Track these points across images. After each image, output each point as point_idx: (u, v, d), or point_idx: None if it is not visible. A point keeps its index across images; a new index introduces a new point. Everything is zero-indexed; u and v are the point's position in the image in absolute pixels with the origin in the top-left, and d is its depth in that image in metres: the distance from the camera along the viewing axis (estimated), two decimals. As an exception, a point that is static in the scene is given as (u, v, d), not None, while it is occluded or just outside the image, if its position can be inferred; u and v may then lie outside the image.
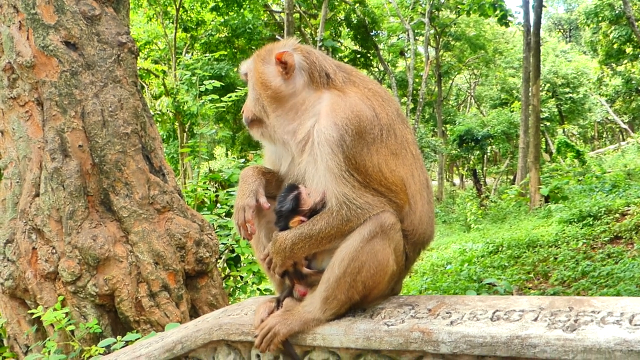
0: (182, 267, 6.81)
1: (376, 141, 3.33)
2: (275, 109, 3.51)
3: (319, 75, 3.52)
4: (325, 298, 3.34)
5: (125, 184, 6.60)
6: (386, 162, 3.34)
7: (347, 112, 3.27)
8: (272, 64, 3.54)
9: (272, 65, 3.55)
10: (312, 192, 3.44)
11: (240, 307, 4.03)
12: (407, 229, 3.46)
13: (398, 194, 3.36)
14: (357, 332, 3.21)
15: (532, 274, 12.35)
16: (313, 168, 3.34)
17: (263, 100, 3.55)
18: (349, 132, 3.23)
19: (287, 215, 3.50)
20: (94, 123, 6.56)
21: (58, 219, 6.48)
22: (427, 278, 14.49)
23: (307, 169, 3.39)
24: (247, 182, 3.64)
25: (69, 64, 6.59)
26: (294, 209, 3.47)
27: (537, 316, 2.84)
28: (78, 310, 6.47)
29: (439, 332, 2.95)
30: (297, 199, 3.47)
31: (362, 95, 3.43)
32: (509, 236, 16.91)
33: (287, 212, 3.50)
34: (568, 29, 71.83)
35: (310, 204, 3.43)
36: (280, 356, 3.56)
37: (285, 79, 3.50)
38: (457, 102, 64.96)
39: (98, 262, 6.39)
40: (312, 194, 3.44)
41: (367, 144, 3.28)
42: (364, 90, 3.50)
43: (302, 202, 3.46)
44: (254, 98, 3.60)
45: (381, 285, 3.36)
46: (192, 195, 9.82)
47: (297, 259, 3.47)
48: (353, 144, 3.24)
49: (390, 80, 40.20)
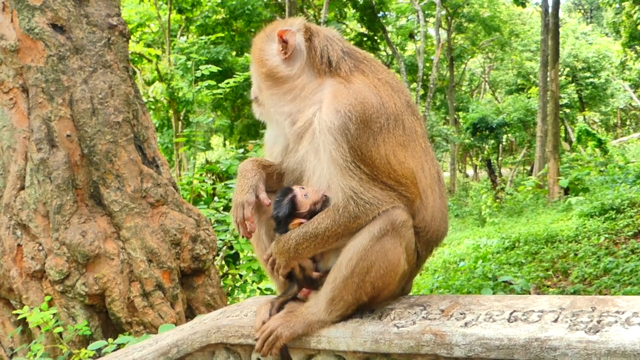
0: (177, 265, 6.82)
1: (383, 131, 3.31)
2: (270, 87, 3.56)
3: (319, 60, 3.50)
4: (332, 299, 3.33)
5: (116, 176, 6.60)
6: (394, 153, 3.32)
7: (351, 99, 3.26)
8: (275, 41, 3.55)
9: (274, 42, 3.56)
10: (309, 192, 3.44)
11: (239, 307, 4.03)
12: (418, 226, 3.45)
13: (408, 187, 3.34)
14: (365, 334, 3.20)
15: (551, 271, 12.33)
16: (315, 158, 3.33)
17: (258, 77, 3.62)
18: (353, 120, 3.21)
19: (285, 220, 3.50)
20: (83, 111, 6.55)
21: (45, 213, 6.49)
22: (439, 276, 14.51)
23: (307, 158, 3.39)
24: (246, 176, 3.62)
25: (55, 48, 6.58)
26: (291, 213, 3.47)
27: (557, 317, 2.83)
28: (66, 310, 6.48)
29: (452, 334, 2.94)
30: (293, 202, 3.47)
31: (369, 84, 3.41)
32: (526, 231, 16.89)
33: (284, 217, 3.49)
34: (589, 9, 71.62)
35: (308, 205, 3.43)
36: None
37: (284, 59, 3.51)
38: (470, 87, 64.85)
39: (87, 260, 6.39)
40: (309, 194, 3.43)
41: (373, 133, 3.27)
42: (372, 79, 3.48)
43: (299, 204, 3.46)
44: (253, 75, 3.69)
45: (391, 286, 3.36)
46: (188, 188, 9.83)
47: (302, 259, 3.46)
48: (358, 132, 3.22)
49: (399, 64, 40.15)
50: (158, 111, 33.88)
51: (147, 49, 35.87)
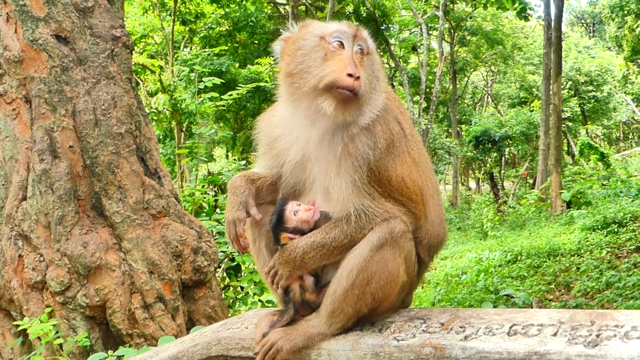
0: (179, 277, 6.82)
1: (402, 153, 3.39)
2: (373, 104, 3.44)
3: None
4: (332, 312, 3.34)
5: (118, 187, 6.61)
6: (409, 172, 3.40)
7: (384, 127, 3.32)
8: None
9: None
10: (300, 210, 3.46)
11: (240, 320, 4.03)
12: (420, 235, 3.50)
13: (418, 204, 3.41)
14: (365, 347, 3.21)
15: (553, 284, 12.31)
16: (337, 179, 3.33)
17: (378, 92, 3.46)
18: (381, 149, 3.28)
19: (274, 230, 3.53)
20: (86, 122, 6.57)
21: (46, 224, 6.49)
22: (441, 289, 14.51)
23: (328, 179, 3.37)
24: (236, 193, 3.63)
25: (59, 59, 6.61)
26: (276, 225, 3.50)
27: (556, 331, 2.84)
28: (67, 322, 6.48)
29: (452, 347, 2.95)
30: (279, 216, 3.50)
31: (392, 104, 3.46)
32: (528, 244, 16.88)
33: (272, 228, 3.53)
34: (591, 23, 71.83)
35: (294, 222, 3.45)
36: None
37: None
38: (473, 100, 64.97)
39: (89, 271, 6.39)
40: (299, 212, 3.45)
41: (393, 157, 3.34)
42: (387, 95, 3.51)
43: (285, 219, 3.48)
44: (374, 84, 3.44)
45: (391, 297, 3.37)
46: (190, 200, 9.84)
47: (307, 270, 3.46)
48: (381, 157, 3.29)
49: (402, 77, 40.23)
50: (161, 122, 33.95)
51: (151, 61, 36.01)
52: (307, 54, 3.36)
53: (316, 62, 3.31)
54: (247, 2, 33.26)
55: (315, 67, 3.30)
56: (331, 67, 3.25)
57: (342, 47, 3.32)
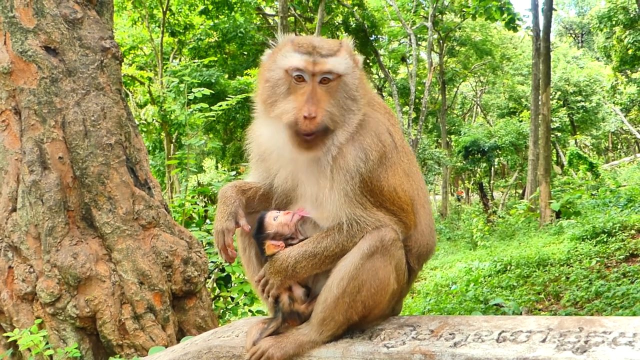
0: (169, 287, 6.82)
1: (394, 164, 3.41)
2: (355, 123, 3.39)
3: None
4: (322, 319, 3.36)
5: (108, 198, 6.61)
6: (401, 183, 3.43)
7: (375, 140, 3.33)
8: (359, 68, 3.47)
9: (359, 70, 3.47)
10: (279, 216, 3.49)
11: (231, 328, 4.05)
12: (410, 244, 3.52)
13: (408, 214, 3.44)
14: (355, 354, 3.23)
15: (543, 294, 12.35)
16: (328, 191, 3.33)
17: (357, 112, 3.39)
18: (373, 160, 3.29)
19: (256, 239, 3.56)
20: (75, 133, 6.58)
21: (36, 235, 6.49)
22: (431, 299, 14.52)
23: (319, 191, 3.38)
24: (226, 203, 3.64)
25: (48, 71, 6.61)
26: (257, 233, 3.53)
27: (545, 337, 2.86)
28: (57, 333, 6.47)
29: (441, 354, 2.97)
30: (260, 224, 3.53)
31: (381, 116, 3.48)
32: (517, 254, 16.91)
33: (253, 235, 3.56)
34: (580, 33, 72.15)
35: (274, 227, 3.48)
36: None
37: None
38: (462, 111, 65.08)
39: (79, 282, 6.39)
40: (279, 217, 3.48)
41: (385, 168, 3.36)
42: (377, 107, 3.55)
43: (265, 226, 3.51)
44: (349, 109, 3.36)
45: (382, 304, 3.39)
46: (180, 211, 9.83)
47: (298, 279, 3.48)
48: (373, 168, 3.31)
49: (391, 88, 40.32)
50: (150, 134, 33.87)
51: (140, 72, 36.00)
52: (273, 87, 3.37)
53: (280, 96, 3.33)
54: (236, 14, 33.27)
55: (280, 100, 3.32)
56: (292, 104, 3.26)
57: (303, 81, 3.30)
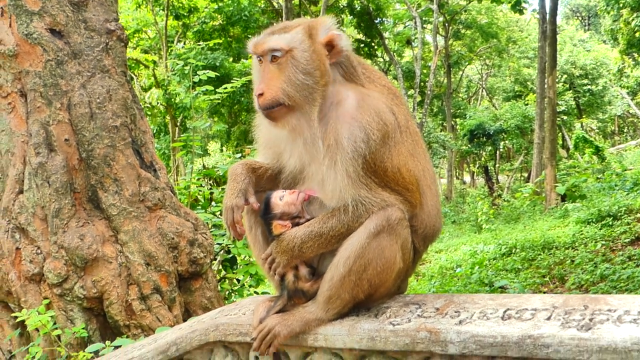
0: (175, 269, 6.86)
1: (397, 144, 3.40)
2: (323, 100, 3.41)
3: (349, 66, 3.53)
4: (329, 297, 3.39)
5: (114, 180, 6.64)
6: (405, 163, 3.42)
7: (376, 118, 3.31)
8: (319, 44, 3.42)
9: (319, 45, 3.42)
10: (285, 195, 3.51)
11: (237, 306, 4.08)
12: (416, 224, 3.53)
13: (413, 193, 3.45)
14: (361, 332, 3.25)
15: (548, 277, 12.37)
16: (332, 172, 3.34)
17: (317, 88, 3.39)
18: (375, 140, 3.28)
19: (264, 219, 3.59)
20: (81, 115, 6.60)
21: (43, 217, 6.52)
22: (436, 282, 14.56)
23: (323, 171, 3.39)
24: (236, 180, 3.67)
25: (54, 53, 6.63)
26: (264, 213, 3.56)
27: (550, 315, 2.89)
28: (64, 313, 6.52)
29: (447, 331, 3.00)
30: (266, 204, 3.55)
31: (382, 96, 3.48)
32: (522, 237, 16.92)
33: (260, 216, 3.59)
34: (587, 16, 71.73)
35: (280, 207, 3.51)
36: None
37: (329, 65, 3.45)
38: (467, 94, 64.93)
39: (86, 263, 6.43)
40: (284, 196, 3.51)
41: (388, 147, 3.36)
42: (380, 88, 3.55)
43: (272, 206, 3.53)
44: (304, 83, 3.36)
45: (388, 283, 3.42)
46: (185, 193, 9.85)
47: (303, 259, 3.50)
48: (376, 148, 3.30)
49: (396, 71, 40.24)
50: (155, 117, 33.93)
51: (144, 55, 35.98)
52: (253, 72, 3.58)
53: (256, 79, 3.53)
54: (240, -4, 33.18)
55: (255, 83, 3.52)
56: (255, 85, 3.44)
57: (262, 62, 3.44)
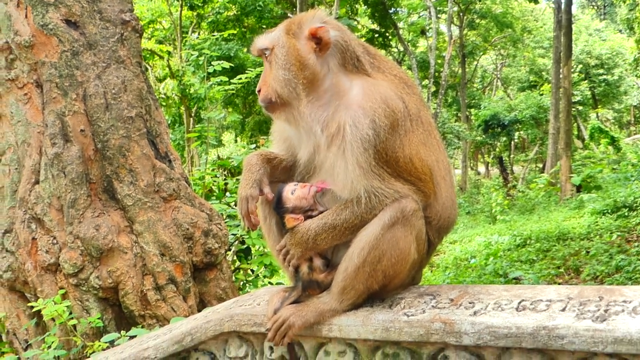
0: (190, 259, 6.89)
1: (408, 133, 3.39)
2: (309, 93, 3.45)
3: (350, 57, 3.51)
4: (343, 288, 3.39)
5: (129, 170, 6.67)
6: (417, 152, 3.41)
7: (383, 106, 3.30)
8: (304, 38, 3.47)
9: (303, 40, 3.47)
10: (297, 189, 3.53)
11: (252, 297, 4.09)
12: (430, 216, 3.53)
13: (427, 183, 3.44)
14: (376, 322, 3.26)
15: (563, 268, 12.33)
16: (341, 162, 3.34)
17: (298, 81, 3.45)
18: (384, 128, 3.27)
19: (279, 214, 3.60)
20: (97, 106, 6.63)
21: (59, 207, 6.56)
22: (450, 273, 14.54)
23: (333, 162, 3.39)
24: (251, 170, 3.69)
25: (69, 44, 6.66)
26: (276, 206, 3.58)
27: (565, 306, 2.88)
28: (80, 303, 6.56)
29: (461, 322, 3.00)
30: (278, 198, 3.57)
31: (392, 84, 3.46)
32: (537, 228, 16.88)
33: (273, 208, 3.61)
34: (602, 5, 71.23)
35: (292, 201, 3.52)
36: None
37: (318, 58, 3.46)
38: (482, 84, 64.67)
39: (101, 253, 6.46)
40: (296, 190, 3.52)
41: (399, 136, 3.34)
42: (390, 77, 3.54)
43: (283, 200, 3.55)
44: (285, 78, 3.46)
45: (402, 274, 3.42)
46: (200, 184, 9.88)
47: (318, 250, 3.52)
48: (386, 137, 3.29)
49: (410, 61, 40.09)
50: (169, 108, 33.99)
51: (159, 46, 36.01)
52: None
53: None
54: (254, -13, 33.13)
55: None
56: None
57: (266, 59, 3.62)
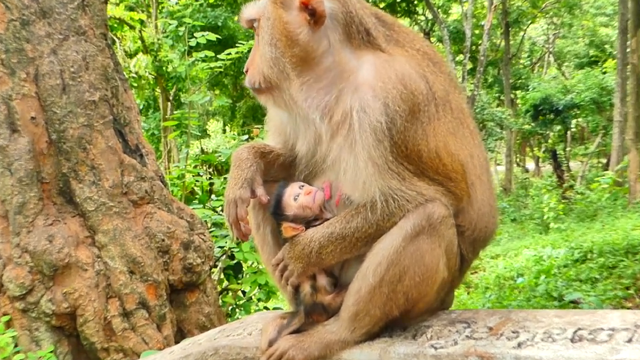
0: (166, 278, 6.88)
1: (432, 120, 3.36)
2: (301, 73, 3.45)
3: (356, 29, 3.50)
4: (355, 314, 3.37)
5: (91, 167, 6.66)
6: (445, 145, 3.39)
7: (399, 87, 3.27)
8: (295, 9, 3.44)
9: (294, 11, 3.44)
10: (300, 195, 3.51)
11: (242, 325, 4.08)
12: (463, 224, 3.50)
13: (458, 182, 3.41)
14: (396, 356, 3.24)
15: (633, 289, 12.29)
16: (349, 156, 3.33)
17: (286, 60, 3.45)
18: (400, 113, 3.24)
19: (274, 219, 3.59)
20: (51, 88, 6.62)
21: (3, 213, 6.56)
22: (491, 295, 14.51)
23: (339, 156, 3.38)
24: (241, 167, 3.70)
25: (18, 11, 6.65)
26: (274, 211, 3.57)
27: (631, 336, 2.86)
28: (29, 333, 6.55)
29: (502, 356, 2.98)
30: (277, 202, 3.56)
31: (412, 61, 3.44)
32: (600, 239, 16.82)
33: (271, 214, 3.59)
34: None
35: (293, 209, 3.50)
36: None
37: (313, 32, 3.45)
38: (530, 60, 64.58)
39: (55, 271, 6.46)
40: (300, 196, 3.51)
41: (421, 124, 3.32)
42: (411, 52, 3.52)
43: (283, 206, 3.54)
44: (272, 57, 3.47)
45: (428, 296, 3.40)
46: (179, 184, 9.88)
47: (323, 266, 3.50)
48: (405, 126, 3.26)
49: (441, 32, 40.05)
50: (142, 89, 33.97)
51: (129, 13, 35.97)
52: None
53: None
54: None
55: None
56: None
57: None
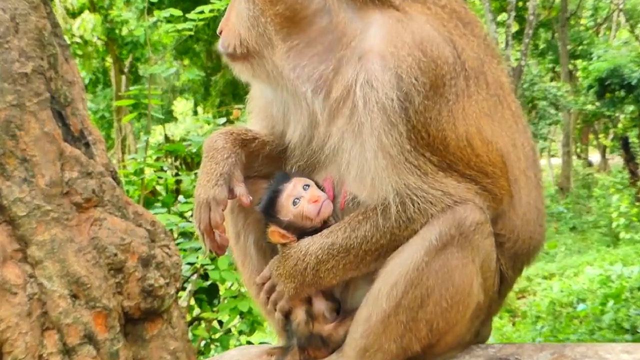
0: (119, 304, 6.88)
1: (461, 98, 3.35)
2: (288, 36, 3.47)
3: None
4: (363, 349, 3.33)
5: (22, 160, 6.65)
6: (479, 130, 3.38)
7: (417, 54, 3.28)
8: None
9: None
10: (302, 199, 3.51)
11: (218, 362, 4.10)
12: (503, 233, 3.48)
13: (497, 179, 3.40)
14: (417, 405, 3.27)
15: None
16: (354, 144, 3.34)
17: (267, 20, 3.47)
18: (419, 89, 3.25)
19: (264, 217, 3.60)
20: (-32, 56, 6.64)
21: None
22: (543, 326, 14.53)
23: (341, 145, 3.38)
24: (215, 159, 3.67)
25: None
26: (265, 210, 3.56)
27: None
28: (-60, 376, 6.58)
29: (554, 404, 3.00)
30: (272, 200, 3.55)
31: (434, 21, 3.44)
32: (686, 254, 16.91)
33: (260, 210, 3.59)
34: None
35: (289, 214, 3.50)
36: None
37: None
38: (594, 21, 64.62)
39: (-25, 295, 6.47)
40: (301, 201, 3.51)
41: (447, 103, 3.32)
42: (434, 9, 3.51)
43: (278, 207, 3.53)
44: (249, 15, 3.48)
45: (458, 326, 3.37)
46: (137, 181, 9.89)
47: (321, 287, 3.48)
48: (425, 105, 3.27)
49: (478, -17, 40.14)
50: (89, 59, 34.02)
51: (72, -41, 36.06)
52: None
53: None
54: None
55: None
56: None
57: None
